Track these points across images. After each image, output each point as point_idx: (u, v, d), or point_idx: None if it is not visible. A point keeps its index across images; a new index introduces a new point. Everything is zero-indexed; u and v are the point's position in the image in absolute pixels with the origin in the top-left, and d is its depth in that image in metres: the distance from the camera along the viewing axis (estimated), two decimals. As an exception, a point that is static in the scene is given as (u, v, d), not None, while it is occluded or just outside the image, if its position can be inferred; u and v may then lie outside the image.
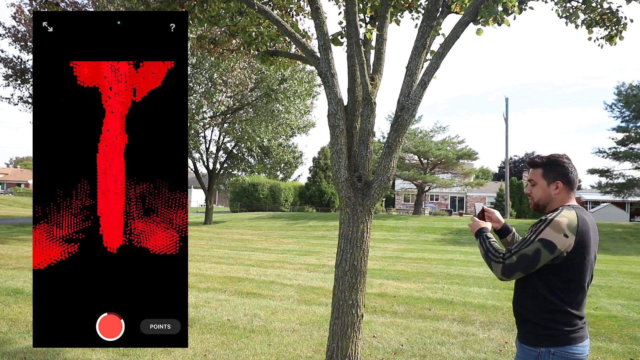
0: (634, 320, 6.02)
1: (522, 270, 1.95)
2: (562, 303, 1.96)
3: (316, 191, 39.56)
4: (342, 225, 3.49)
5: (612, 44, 4.73)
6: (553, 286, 1.97)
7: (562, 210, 2.00)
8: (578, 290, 1.99)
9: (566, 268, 1.95)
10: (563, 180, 2.09)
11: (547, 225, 1.94)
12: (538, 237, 1.94)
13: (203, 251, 13.16)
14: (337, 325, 3.41)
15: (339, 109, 3.48)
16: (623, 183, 27.65)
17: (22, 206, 39.01)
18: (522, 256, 1.94)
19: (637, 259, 14.10)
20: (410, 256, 12.99)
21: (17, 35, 17.23)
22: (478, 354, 4.59)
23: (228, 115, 22.29)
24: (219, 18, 4.34)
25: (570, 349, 1.95)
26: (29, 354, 4.22)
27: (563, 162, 2.11)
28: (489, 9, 3.40)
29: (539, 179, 2.14)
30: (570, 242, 1.92)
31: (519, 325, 2.12)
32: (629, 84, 27.10)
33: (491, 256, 2.04)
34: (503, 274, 1.98)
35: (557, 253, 1.92)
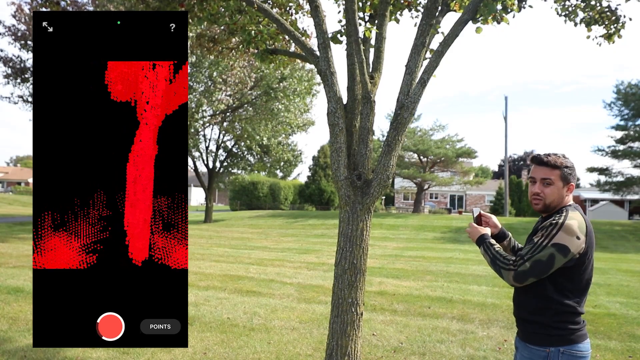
0: (632, 318, 6.04)
1: (535, 275, 1.96)
2: (571, 303, 1.99)
3: (316, 189, 39.57)
4: (342, 223, 3.49)
5: (611, 43, 4.74)
6: (564, 288, 1.99)
7: (568, 212, 2.01)
8: (586, 289, 2.05)
9: (577, 269, 1.98)
10: (574, 183, 2.15)
11: (559, 229, 1.95)
12: (551, 242, 1.94)
13: (203, 250, 13.17)
14: (336, 323, 3.41)
15: (339, 108, 3.48)
16: (622, 181, 27.67)
17: (23, 205, 38.99)
18: (536, 262, 1.94)
19: (635, 257, 14.12)
20: (409, 254, 13.00)
21: (17, 34, 17.21)
22: (477, 352, 4.60)
23: (228, 113, 22.29)
24: (219, 16, 4.34)
25: (577, 347, 1.99)
26: (29, 352, 4.23)
27: (572, 164, 2.14)
28: (489, 7, 3.40)
29: (557, 180, 2.10)
30: (582, 244, 1.96)
31: (522, 326, 2.12)
32: (628, 83, 27.10)
33: (500, 264, 2.03)
34: (516, 280, 1.98)
35: (570, 256, 1.94)
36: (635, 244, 17.73)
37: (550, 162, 2.11)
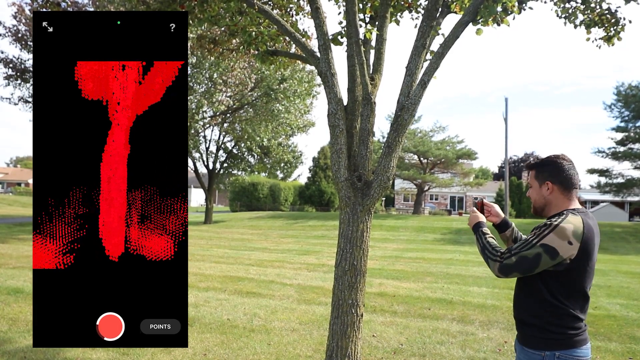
0: (633, 319, 6.03)
1: (519, 271, 1.96)
2: (565, 307, 1.95)
3: (316, 191, 39.56)
4: (342, 224, 3.49)
5: (610, 45, 4.74)
6: (556, 292, 1.96)
7: (568, 216, 1.96)
8: (580, 295, 1.98)
9: (568, 274, 1.94)
10: (552, 180, 2.06)
11: (551, 231, 1.91)
12: (540, 242, 1.91)
13: (203, 251, 13.16)
14: (336, 324, 3.41)
15: (339, 109, 3.48)
16: (622, 183, 27.68)
17: (22, 206, 39.00)
18: (522, 258, 1.93)
19: (636, 258, 14.11)
20: (409, 256, 12.99)
21: (17, 34, 17.23)
22: (477, 354, 4.59)
23: (228, 114, 22.29)
24: (219, 18, 4.34)
25: (574, 352, 1.95)
26: (29, 353, 4.22)
27: (554, 161, 2.07)
28: (489, 9, 3.41)
29: (532, 180, 2.13)
30: (574, 249, 1.90)
31: (520, 329, 2.11)
32: (628, 84, 27.15)
33: (488, 253, 2.04)
34: (500, 271, 1.98)
35: (559, 260, 1.90)
36: (635, 246, 17.72)
37: (527, 164, 2.16)
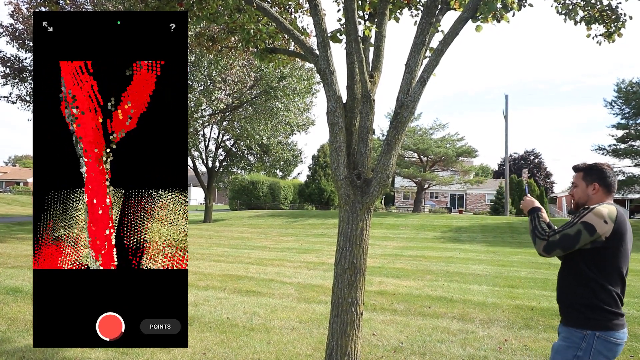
0: (633, 317, 6.03)
1: (562, 247, 2.21)
2: (604, 284, 2.19)
3: (315, 189, 39.54)
4: (342, 223, 3.48)
5: (611, 42, 4.73)
6: (595, 269, 2.20)
7: (603, 203, 2.28)
8: (617, 274, 2.22)
9: (605, 252, 2.19)
10: (600, 182, 2.37)
11: (590, 212, 2.22)
12: (581, 220, 2.21)
13: (202, 249, 13.16)
14: (336, 323, 3.41)
15: (338, 107, 3.47)
16: (623, 180, 27.66)
17: (21, 205, 38.96)
18: (565, 235, 2.20)
19: (636, 256, 14.12)
20: (409, 254, 12.99)
21: (14, 33, 17.17)
22: (478, 352, 4.59)
23: (227, 113, 22.24)
24: (218, 15, 4.32)
25: (613, 335, 2.20)
26: (28, 352, 4.21)
27: (602, 167, 2.39)
28: (488, 6, 3.39)
29: (579, 181, 2.43)
30: (609, 228, 2.17)
31: (563, 311, 2.35)
32: (629, 81, 27.12)
33: (537, 233, 2.31)
34: (545, 250, 2.24)
35: (595, 236, 2.17)
36: (636, 243, 17.71)
37: (574, 167, 2.47)
